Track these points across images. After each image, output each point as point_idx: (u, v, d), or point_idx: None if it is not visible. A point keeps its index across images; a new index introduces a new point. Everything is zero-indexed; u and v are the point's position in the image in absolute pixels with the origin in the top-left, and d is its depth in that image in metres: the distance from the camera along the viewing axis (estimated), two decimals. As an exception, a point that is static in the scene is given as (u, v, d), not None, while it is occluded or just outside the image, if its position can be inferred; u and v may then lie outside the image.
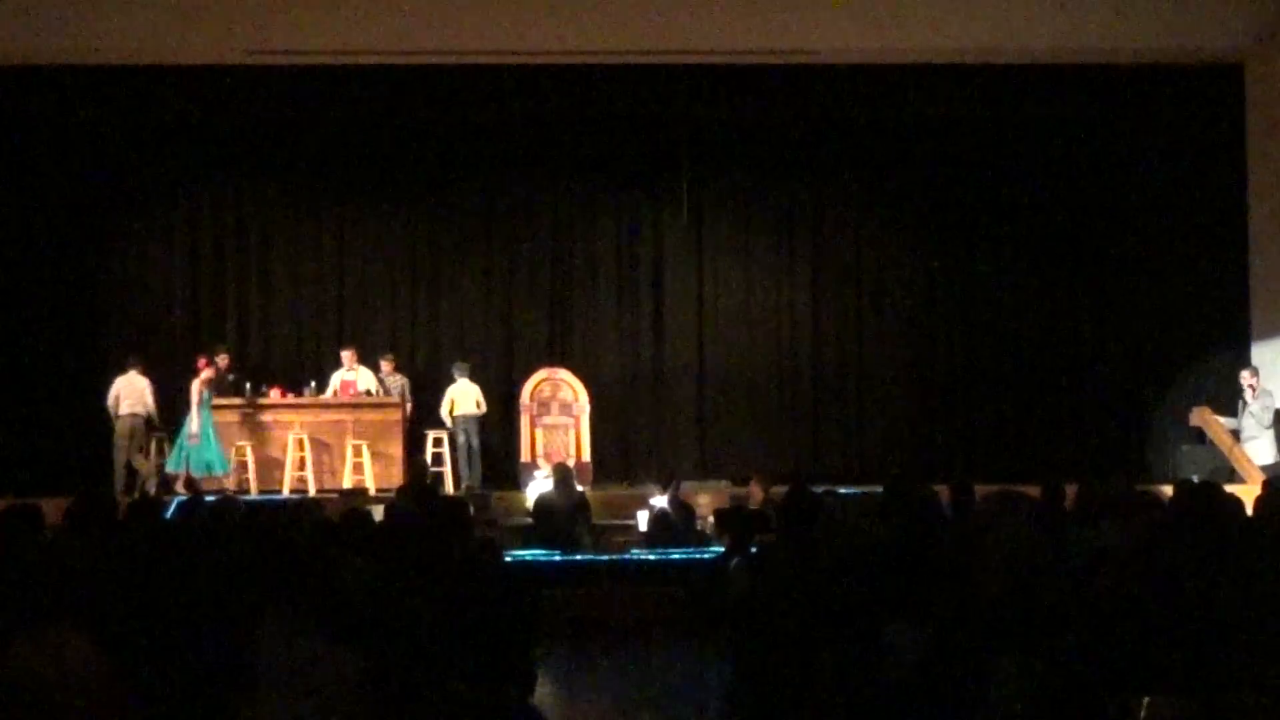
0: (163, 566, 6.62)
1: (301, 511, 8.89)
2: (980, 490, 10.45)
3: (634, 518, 16.38)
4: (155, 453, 19.08)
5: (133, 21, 17.76)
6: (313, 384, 19.49)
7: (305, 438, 18.75)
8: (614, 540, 16.11)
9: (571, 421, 19.84)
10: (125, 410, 18.82)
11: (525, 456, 19.60)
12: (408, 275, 21.57)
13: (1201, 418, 18.60)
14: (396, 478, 18.16)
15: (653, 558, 14.74)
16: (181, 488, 17.76)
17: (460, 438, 19.63)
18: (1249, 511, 9.15)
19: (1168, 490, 11.45)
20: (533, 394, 19.85)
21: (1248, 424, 18.15)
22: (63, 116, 19.77)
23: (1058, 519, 8.98)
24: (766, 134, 21.13)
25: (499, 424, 21.01)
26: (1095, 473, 17.26)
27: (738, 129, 21.01)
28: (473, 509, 12.84)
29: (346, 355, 19.67)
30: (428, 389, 20.27)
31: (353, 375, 19.50)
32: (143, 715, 4.31)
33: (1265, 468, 17.20)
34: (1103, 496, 9.01)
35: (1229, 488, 10.37)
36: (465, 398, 19.72)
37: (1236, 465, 17.71)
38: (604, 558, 14.98)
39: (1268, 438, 18.00)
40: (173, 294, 21.25)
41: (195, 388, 18.41)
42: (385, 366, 19.77)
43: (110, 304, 21.14)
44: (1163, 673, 5.74)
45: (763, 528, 12.22)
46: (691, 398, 21.53)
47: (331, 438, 18.82)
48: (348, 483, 18.47)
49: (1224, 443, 18.11)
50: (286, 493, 18.06)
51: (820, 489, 10.42)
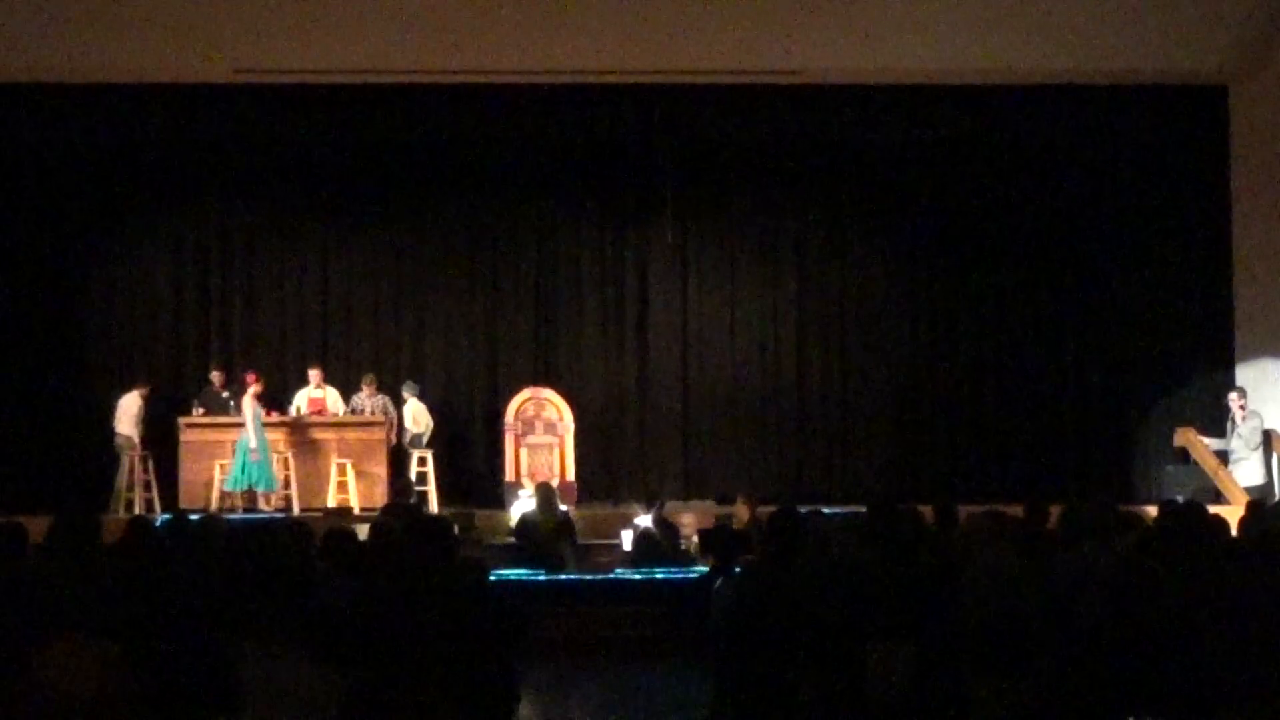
0: (147, 586, 6.60)
1: (286, 531, 8.87)
2: (964, 511, 10.47)
3: (618, 537, 16.38)
4: (142, 470, 19.10)
5: (120, 40, 17.75)
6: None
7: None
8: (598, 560, 16.11)
9: (556, 441, 19.81)
10: (121, 430, 18.93)
11: (509, 476, 19.57)
12: (392, 294, 21.55)
13: (1186, 438, 18.64)
14: (381, 497, 18.16)
15: (637, 577, 14.74)
16: (239, 504, 17.98)
17: (417, 455, 19.65)
18: (1233, 533, 9.17)
19: (1152, 511, 11.46)
20: (517, 413, 19.81)
21: (1236, 445, 18.19)
22: (49, 134, 19.72)
23: (1041, 540, 8.98)
24: (751, 154, 21.13)
25: (483, 443, 21.02)
26: (1079, 493, 17.31)
27: (722, 149, 21.01)
28: (457, 528, 12.85)
29: (314, 374, 19.61)
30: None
31: (320, 394, 19.45)
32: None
33: (1250, 489, 17.24)
34: (1087, 517, 9.01)
35: (1213, 509, 10.40)
36: (422, 416, 19.78)
37: (1221, 486, 17.75)
38: (588, 577, 14.98)
39: (1256, 459, 18.04)
40: (158, 311, 21.21)
41: (249, 404, 18.42)
42: (366, 388, 19.72)
43: (95, 321, 21.10)
44: (1146, 694, 5.75)
45: (747, 548, 12.24)
46: (676, 417, 21.51)
47: (315, 456, 18.78)
48: (332, 501, 18.45)
49: (1208, 464, 18.14)
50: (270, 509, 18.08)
51: (805, 509, 10.41)
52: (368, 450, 18.99)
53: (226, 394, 19.40)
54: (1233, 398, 18.51)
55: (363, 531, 10.58)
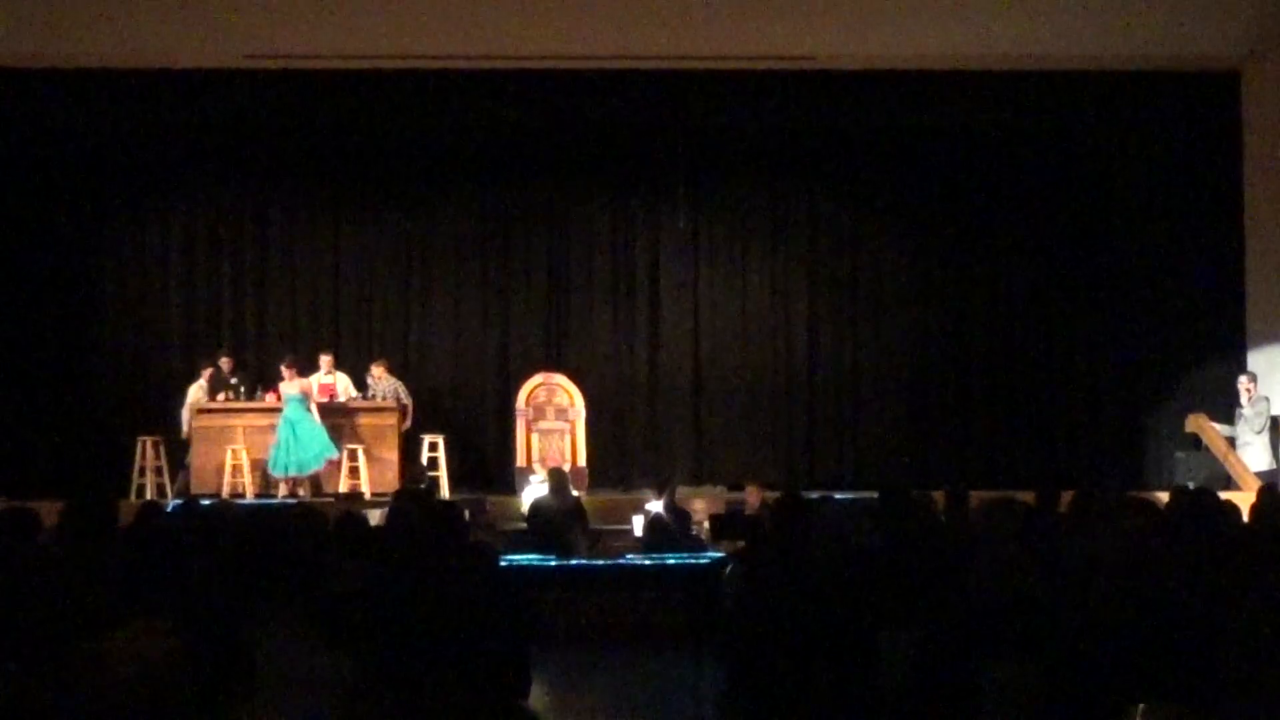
0: (159, 571, 6.62)
1: (297, 516, 8.89)
2: (975, 497, 10.47)
3: (629, 523, 16.37)
4: (154, 456, 19.16)
5: (130, 24, 17.74)
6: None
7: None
8: (609, 545, 16.08)
9: (567, 426, 19.81)
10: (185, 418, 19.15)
11: (521, 461, 19.57)
12: (403, 279, 21.59)
13: (1197, 424, 18.60)
14: (392, 482, 18.17)
15: (648, 563, 14.71)
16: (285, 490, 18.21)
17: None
18: (1245, 518, 9.16)
19: (1163, 497, 11.45)
20: (528, 399, 19.81)
21: (1241, 429, 18.16)
22: (60, 119, 19.73)
23: (1052, 525, 8.98)
24: (763, 140, 21.13)
25: (494, 429, 21.04)
26: (1091, 479, 17.29)
27: (735, 134, 21.00)
28: (468, 514, 12.85)
29: (324, 359, 19.56)
30: (422, 394, 20.23)
31: (330, 379, 19.42)
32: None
33: (1260, 474, 17.21)
34: (1098, 503, 9.00)
35: (1225, 494, 10.39)
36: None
37: (1232, 472, 17.71)
38: (599, 563, 14.95)
39: (1260, 443, 18.00)
40: (170, 296, 21.26)
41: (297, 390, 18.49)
42: (377, 371, 19.70)
43: (107, 306, 21.16)
44: (1157, 680, 5.74)
45: (758, 533, 12.24)
46: (688, 403, 21.54)
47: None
48: (343, 487, 18.47)
49: (1220, 449, 18.10)
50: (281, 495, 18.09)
51: (816, 495, 10.44)
52: (379, 435, 18.98)
53: (235, 380, 19.41)
54: (1242, 381, 18.47)
55: (374, 517, 10.61)
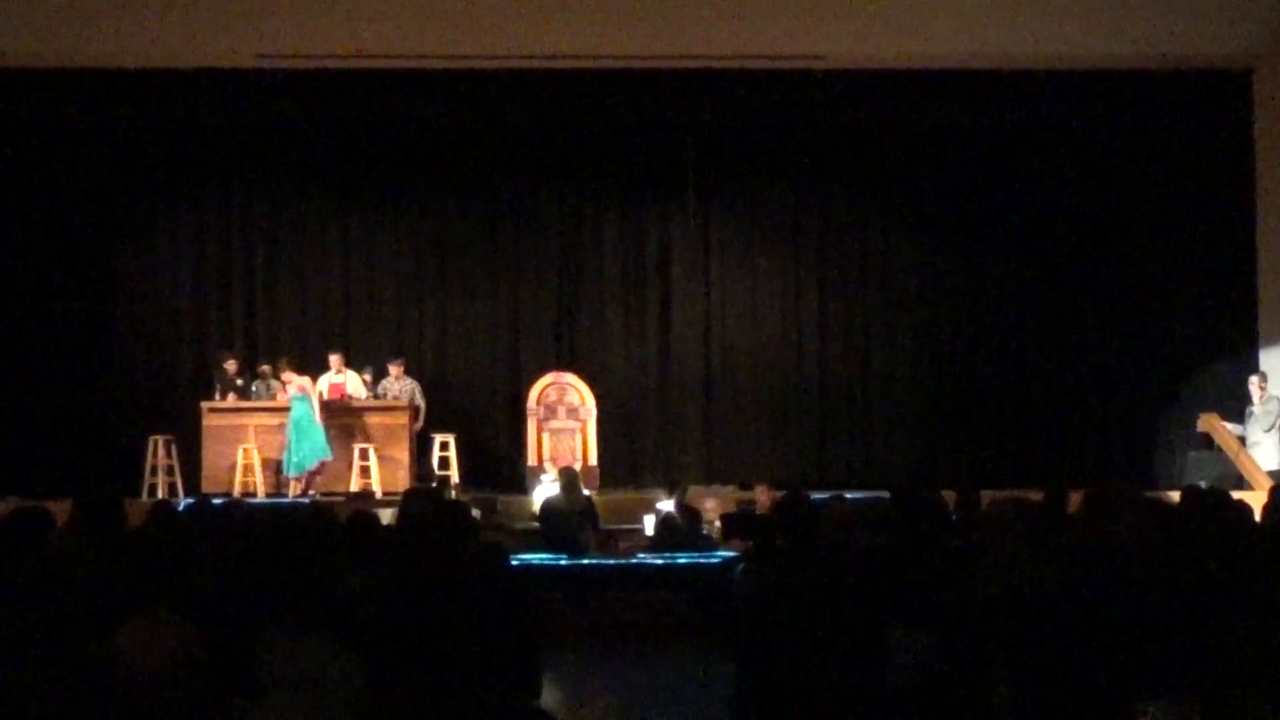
0: (170, 570, 6.61)
1: (308, 515, 8.89)
2: (986, 496, 10.45)
3: (640, 522, 16.37)
4: (165, 454, 19.20)
5: (142, 24, 17.77)
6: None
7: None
8: (620, 544, 16.09)
9: (578, 425, 19.81)
10: None
11: (532, 460, 19.58)
12: (414, 278, 21.59)
13: (1209, 424, 18.59)
14: (402, 481, 18.21)
15: (659, 562, 14.72)
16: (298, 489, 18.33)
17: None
18: (1256, 518, 9.14)
19: (1175, 496, 11.44)
20: (539, 398, 19.81)
21: (1251, 428, 18.16)
22: (71, 118, 19.74)
23: (1062, 525, 8.96)
24: (774, 139, 21.09)
25: (505, 428, 21.05)
26: (1102, 479, 17.25)
27: (745, 134, 20.98)
28: (478, 513, 12.86)
29: (334, 359, 19.57)
30: (433, 393, 20.23)
31: (340, 379, 19.42)
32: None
33: (1272, 473, 17.19)
34: (1109, 503, 8.98)
35: (1236, 494, 10.36)
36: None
37: (1244, 471, 17.70)
38: (610, 562, 14.96)
39: (1272, 442, 18.00)
40: (181, 296, 21.29)
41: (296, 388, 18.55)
42: (394, 370, 19.73)
43: (119, 306, 21.18)
44: (1167, 679, 5.73)
45: (768, 533, 12.23)
46: (698, 402, 21.53)
47: (337, 441, 18.77)
48: (354, 486, 18.48)
49: (1231, 449, 18.09)
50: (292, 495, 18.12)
51: (826, 494, 10.41)
52: (390, 435, 18.99)
53: (241, 381, 19.43)
54: (1253, 381, 18.46)
55: (385, 516, 10.62)
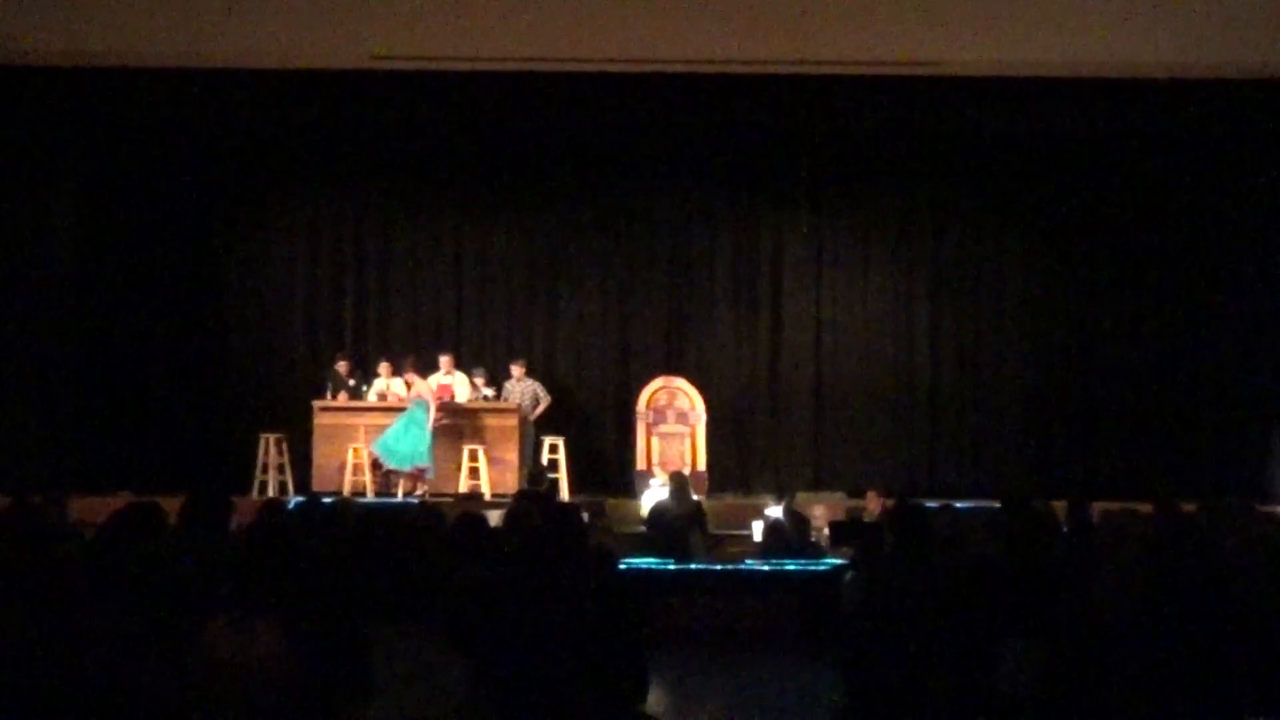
0: (279, 569, 6.67)
1: (417, 515, 8.93)
2: (1097, 507, 10.35)
3: (749, 528, 16.34)
4: (276, 453, 19.37)
5: (258, 26, 17.90)
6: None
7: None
8: (728, 550, 16.07)
9: (687, 430, 19.80)
10: None
11: (640, 465, 19.58)
12: (525, 281, 21.65)
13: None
14: (512, 483, 18.23)
15: (767, 569, 14.69)
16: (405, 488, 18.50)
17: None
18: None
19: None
20: (649, 402, 19.82)
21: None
22: (188, 119, 19.90)
23: (1175, 538, 8.87)
24: (886, 145, 20.96)
25: (614, 431, 21.06)
26: (1215, 492, 17.03)
27: (858, 140, 20.86)
28: (587, 516, 12.88)
29: (445, 360, 19.65)
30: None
31: (449, 380, 19.51)
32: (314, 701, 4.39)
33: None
34: (1223, 517, 8.88)
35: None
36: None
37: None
38: (718, 567, 14.94)
39: None
40: (294, 296, 21.50)
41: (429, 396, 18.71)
42: (516, 371, 19.85)
43: (233, 305, 21.44)
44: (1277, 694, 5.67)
45: (878, 541, 12.17)
46: (808, 408, 21.44)
47: (447, 442, 18.85)
48: (463, 487, 18.54)
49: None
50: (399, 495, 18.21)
51: (936, 503, 10.36)
52: (499, 436, 19.04)
53: (353, 381, 19.58)
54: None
55: (493, 518, 10.65)
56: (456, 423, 18.90)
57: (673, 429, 19.80)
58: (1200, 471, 20.07)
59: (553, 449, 19.59)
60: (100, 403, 20.74)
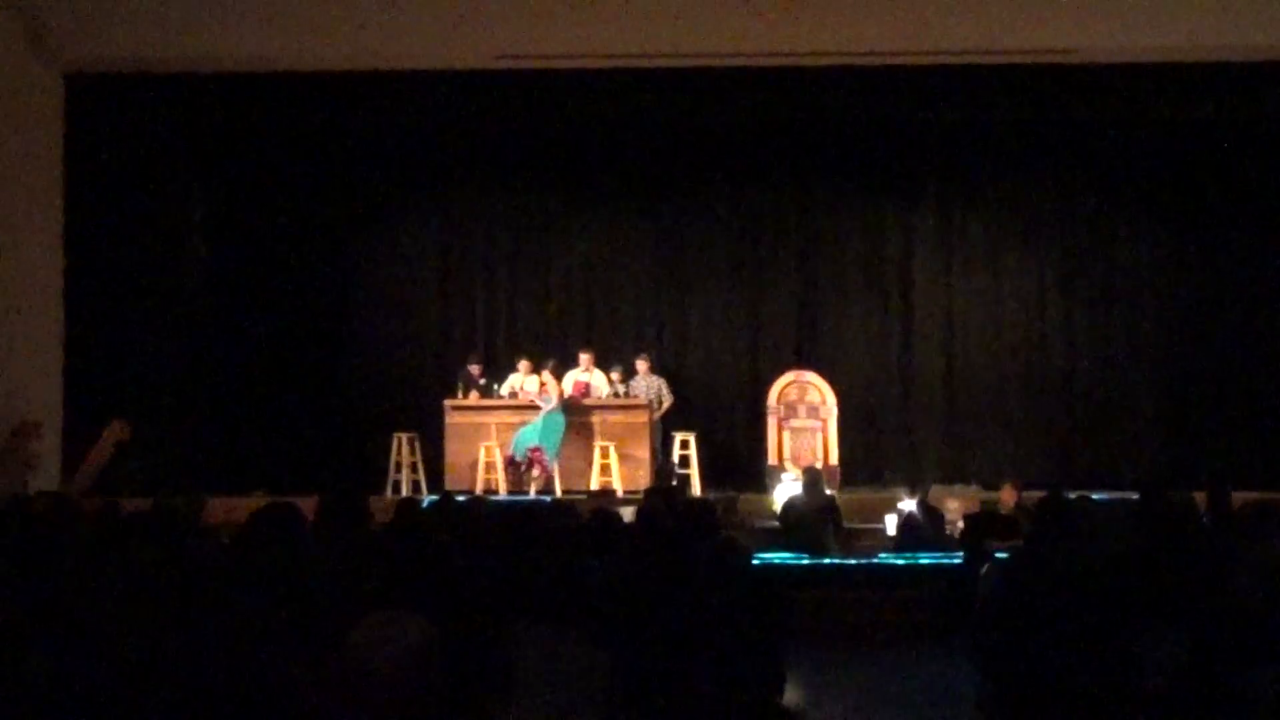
0: (418, 566, 6.74)
1: (551, 512, 8.99)
2: (1238, 498, 10.22)
3: (882, 522, 16.29)
4: (409, 452, 19.53)
5: (385, 28, 18.06)
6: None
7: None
8: (862, 544, 16.03)
9: (819, 424, 19.72)
10: None
11: (772, 459, 19.53)
12: (655, 277, 21.70)
13: None
14: (643, 480, 18.23)
15: (901, 562, 14.64)
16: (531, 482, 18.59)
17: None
18: None
19: None
20: (779, 396, 19.77)
21: None
22: (317, 122, 20.13)
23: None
24: (1016, 136, 20.82)
25: (745, 426, 21.05)
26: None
27: (987, 131, 20.74)
28: (720, 511, 12.89)
29: (584, 357, 19.70)
30: (673, 391, 20.27)
31: (586, 376, 19.55)
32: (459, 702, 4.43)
33: None
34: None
35: None
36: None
37: None
38: (852, 561, 14.90)
39: None
40: (425, 295, 21.68)
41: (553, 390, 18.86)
42: (641, 366, 19.87)
43: (364, 306, 21.67)
44: None
45: (1013, 533, 12.10)
46: (940, 400, 21.34)
47: (579, 439, 18.92)
48: (594, 484, 18.59)
49: None
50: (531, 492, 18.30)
51: (1073, 495, 10.26)
52: (631, 433, 19.05)
53: (484, 380, 19.68)
54: None
55: (626, 514, 10.69)
56: (588, 420, 18.96)
57: (804, 423, 19.74)
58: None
59: (684, 445, 19.60)
60: (236, 405, 21.04)
